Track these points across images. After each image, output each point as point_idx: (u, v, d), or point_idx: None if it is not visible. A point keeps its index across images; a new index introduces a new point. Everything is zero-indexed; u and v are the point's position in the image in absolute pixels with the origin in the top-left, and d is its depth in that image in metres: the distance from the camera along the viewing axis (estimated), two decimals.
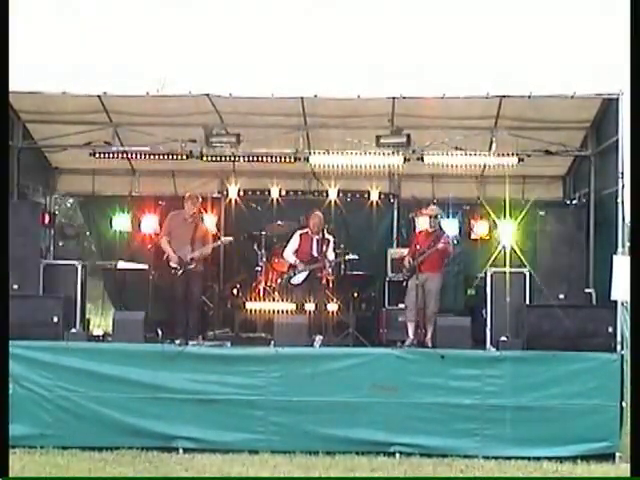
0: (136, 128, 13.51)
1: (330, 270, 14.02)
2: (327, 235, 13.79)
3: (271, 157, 13.69)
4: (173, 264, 12.70)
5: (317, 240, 13.62)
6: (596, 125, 13.06)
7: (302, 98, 12.51)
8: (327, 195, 15.75)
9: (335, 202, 15.74)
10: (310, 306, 13.27)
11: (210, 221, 14.76)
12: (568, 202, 14.91)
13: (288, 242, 13.84)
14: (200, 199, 13.27)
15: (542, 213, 13.11)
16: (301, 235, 13.72)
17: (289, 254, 13.68)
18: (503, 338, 11.76)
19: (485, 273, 12.90)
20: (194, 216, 13.03)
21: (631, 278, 9.66)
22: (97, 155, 13.76)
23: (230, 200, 15.77)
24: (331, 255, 13.68)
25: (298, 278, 13.58)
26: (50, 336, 11.62)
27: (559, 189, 15.81)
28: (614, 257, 11.20)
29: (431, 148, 13.26)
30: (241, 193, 15.88)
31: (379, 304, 14.87)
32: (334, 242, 13.88)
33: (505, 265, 12.74)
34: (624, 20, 10.24)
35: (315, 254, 13.57)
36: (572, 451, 11.02)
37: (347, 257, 14.20)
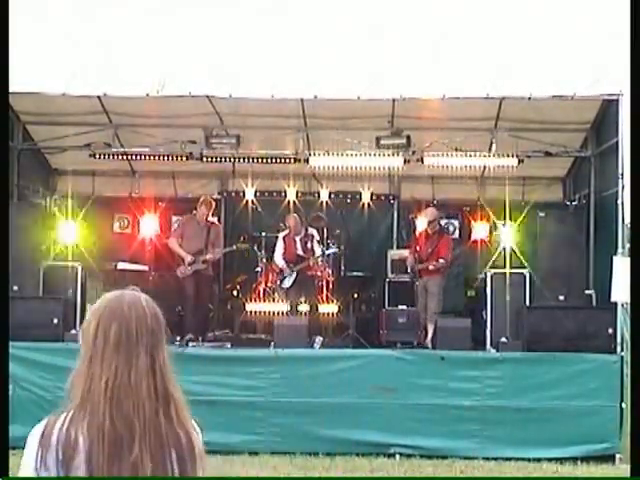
0: (136, 129, 13.52)
1: (328, 270, 14.06)
2: (310, 230, 13.86)
3: (271, 159, 13.72)
4: (187, 263, 12.78)
5: (300, 239, 13.74)
6: (596, 126, 13.07)
7: (302, 99, 12.52)
8: (327, 196, 15.76)
9: (335, 203, 15.74)
10: (305, 307, 13.30)
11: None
12: (568, 203, 14.90)
13: (274, 247, 13.96)
14: (214, 204, 13.37)
15: (542, 214, 13.11)
16: (284, 238, 13.85)
17: (278, 258, 13.81)
18: (503, 339, 11.77)
19: (485, 274, 12.90)
20: (208, 220, 13.11)
21: (631, 279, 9.66)
22: (97, 156, 13.76)
23: (231, 200, 15.79)
24: (317, 250, 13.77)
25: (288, 281, 13.67)
26: (50, 337, 11.61)
27: (559, 190, 15.81)
28: (614, 258, 11.19)
29: (431, 149, 13.27)
30: (241, 194, 15.89)
31: (379, 305, 14.86)
32: (319, 235, 13.96)
33: (505, 266, 12.75)
34: (624, 20, 10.23)
35: (301, 253, 13.66)
36: (572, 452, 11.01)
37: (328, 251, 14.19)
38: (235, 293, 15.26)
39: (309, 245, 13.69)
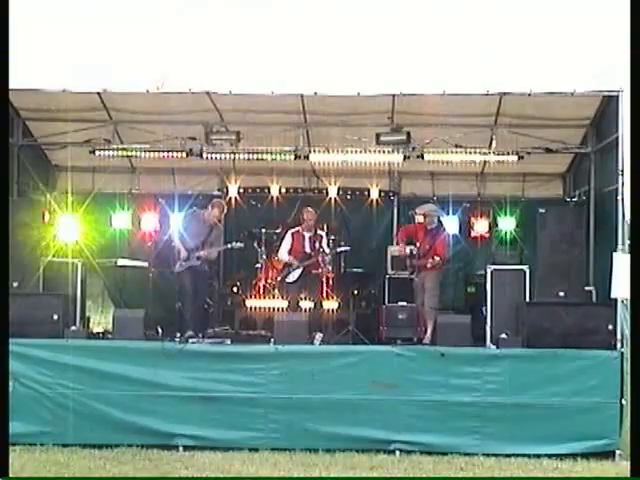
0: (136, 126, 13.52)
1: (328, 267, 14.08)
2: (319, 231, 13.88)
3: (271, 154, 13.72)
4: (182, 258, 12.79)
5: (309, 237, 13.73)
6: (596, 122, 13.07)
7: (302, 95, 12.52)
8: (327, 193, 15.76)
9: (335, 200, 15.75)
10: (308, 304, 13.30)
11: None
12: (568, 200, 14.90)
13: (281, 242, 13.94)
14: (226, 207, 13.41)
15: (542, 211, 13.11)
16: (293, 234, 13.83)
17: (283, 254, 13.80)
18: (503, 336, 11.76)
19: (485, 270, 12.90)
20: (214, 220, 13.09)
21: (631, 276, 9.66)
22: (97, 154, 13.75)
23: (230, 198, 15.78)
24: (326, 250, 13.79)
25: (293, 276, 13.65)
26: (50, 334, 11.62)
27: (559, 187, 15.82)
28: (614, 255, 11.19)
29: (431, 145, 13.27)
30: (241, 191, 15.89)
31: (379, 301, 14.89)
32: (327, 237, 13.98)
33: (505, 263, 12.76)
34: (624, 20, 10.23)
35: (308, 251, 13.65)
36: (572, 448, 11.02)
37: (339, 249, 14.29)
38: (235, 289, 15.27)
39: (317, 245, 13.70)
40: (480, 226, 15.76)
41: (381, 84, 11.69)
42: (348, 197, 15.94)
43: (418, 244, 13.37)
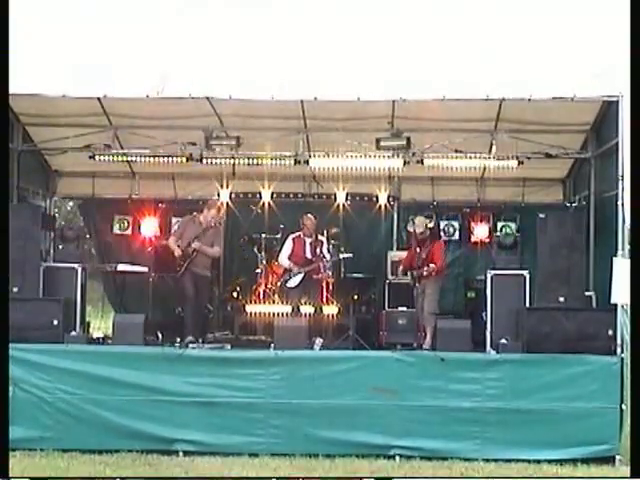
0: (136, 131, 13.53)
1: (329, 272, 14.08)
2: (320, 237, 13.88)
3: (271, 160, 13.72)
4: (176, 255, 12.78)
5: (310, 243, 13.73)
6: (596, 128, 13.07)
7: (302, 101, 12.52)
8: (327, 198, 15.78)
9: (335, 205, 15.76)
10: (309, 309, 13.30)
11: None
12: (568, 205, 14.92)
13: (281, 247, 13.94)
14: (223, 208, 13.39)
15: (542, 216, 13.10)
16: (294, 239, 13.84)
17: (283, 259, 13.80)
18: (503, 341, 11.76)
19: (485, 276, 12.90)
20: (211, 221, 13.06)
21: (631, 281, 9.66)
22: (97, 159, 13.74)
23: (229, 203, 15.80)
24: (327, 256, 13.79)
25: (294, 281, 13.65)
26: (50, 339, 11.62)
27: (559, 192, 15.83)
28: (614, 260, 11.19)
29: (431, 151, 13.27)
30: (241, 196, 15.90)
31: (379, 306, 14.89)
32: (327, 243, 13.99)
33: (505, 268, 12.76)
34: (624, 21, 10.24)
35: (309, 256, 13.66)
36: (572, 454, 11.00)
37: (341, 256, 14.30)
38: (235, 295, 15.26)
39: (318, 250, 13.71)
40: (480, 231, 15.78)
41: (381, 89, 11.69)
42: (348, 202, 15.94)
43: (419, 251, 13.37)
